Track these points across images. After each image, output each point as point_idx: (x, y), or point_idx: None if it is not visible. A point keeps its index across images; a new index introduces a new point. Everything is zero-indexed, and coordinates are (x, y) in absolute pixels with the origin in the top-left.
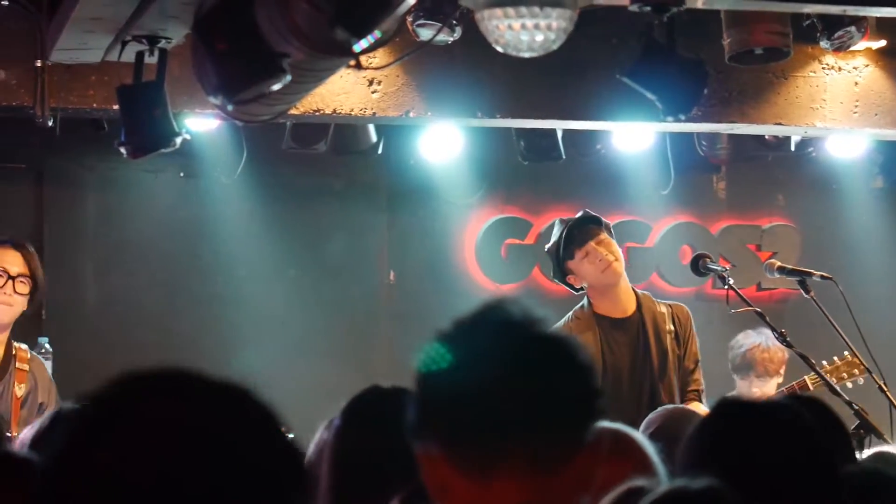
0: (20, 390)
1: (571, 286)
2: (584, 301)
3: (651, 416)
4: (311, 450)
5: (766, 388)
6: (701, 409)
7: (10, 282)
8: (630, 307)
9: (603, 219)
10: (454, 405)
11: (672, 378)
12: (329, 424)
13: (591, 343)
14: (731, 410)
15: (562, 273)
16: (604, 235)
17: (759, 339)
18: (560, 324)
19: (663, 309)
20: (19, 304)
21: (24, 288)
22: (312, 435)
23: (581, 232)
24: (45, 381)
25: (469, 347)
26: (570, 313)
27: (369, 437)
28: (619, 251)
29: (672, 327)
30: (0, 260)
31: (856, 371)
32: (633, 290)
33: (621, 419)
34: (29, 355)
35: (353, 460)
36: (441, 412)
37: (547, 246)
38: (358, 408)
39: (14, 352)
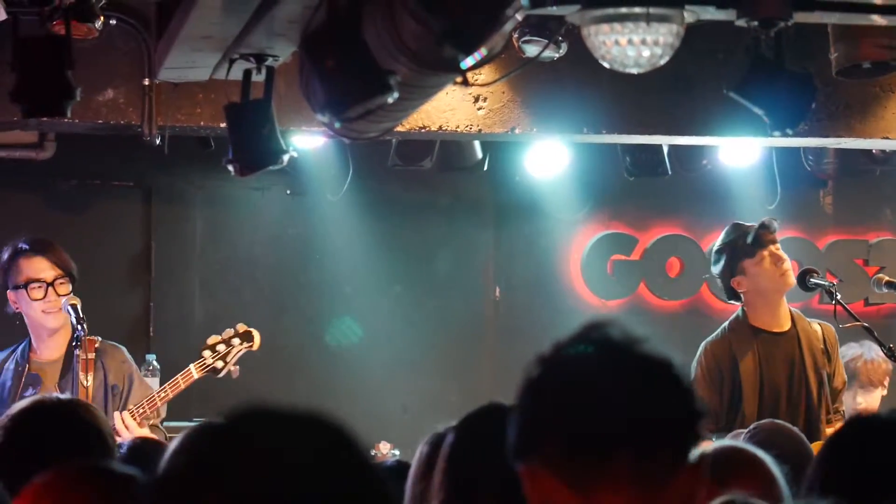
0: (88, 380)
1: (732, 291)
2: (739, 312)
3: (758, 434)
4: (413, 465)
5: (870, 398)
6: None
7: (50, 288)
8: (786, 322)
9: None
10: (558, 423)
11: (827, 396)
12: (431, 440)
13: (749, 355)
14: (862, 427)
15: (731, 272)
16: (780, 247)
17: (861, 350)
18: (716, 335)
19: (816, 327)
20: (77, 302)
21: (64, 288)
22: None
23: (766, 233)
24: (117, 366)
25: (570, 367)
26: (726, 324)
27: (483, 454)
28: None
29: (823, 346)
30: (32, 271)
31: None
32: (789, 308)
33: None
34: (98, 345)
35: (466, 477)
36: (545, 430)
37: (717, 244)
38: (473, 424)
39: (79, 344)
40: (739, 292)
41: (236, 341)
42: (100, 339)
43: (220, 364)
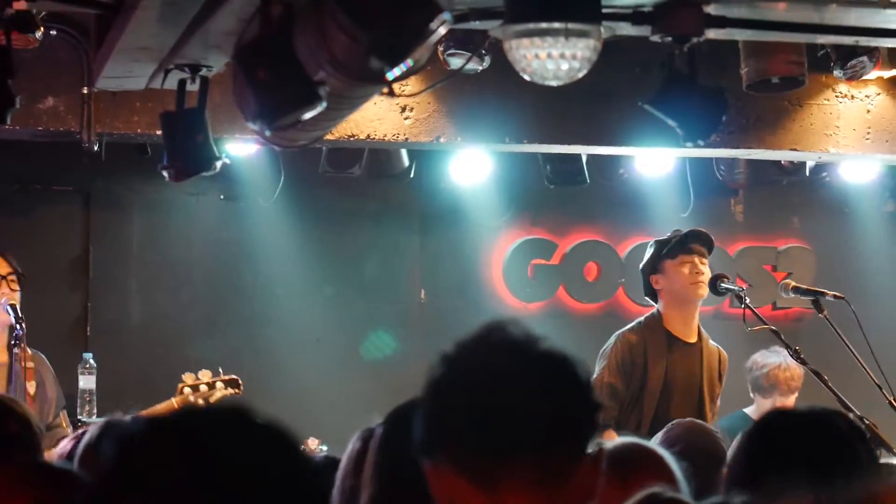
0: (31, 388)
1: (651, 288)
2: (655, 312)
3: (670, 432)
4: (344, 460)
5: (787, 403)
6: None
7: (3, 281)
8: (694, 336)
9: (713, 242)
10: (462, 422)
11: (711, 414)
12: (361, 435)
13: (659, 357)
14: (779, 422)
15: (652, 268)
16: (707, 261)
17: (778, 359)
18: (632, 328)
19: (714, 349)
20: (16, 300)
21: (14, 285)
22: (345, 445)
23: (696, 242)
24: (51, 376)
25: (473, 366)
26: (642, 319)
27: (410, 446)
28: (709, 277)
29: (717, 366)
30: None
31: None
32: (698, 322)
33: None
34: (32, 353)
35: (396, 467)
36: (449, 428)
37: (654, 240)
38: (400, 417)
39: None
40: (656, 290)
41: (220, 385)
42: (29, 349)
43: (201, 402)
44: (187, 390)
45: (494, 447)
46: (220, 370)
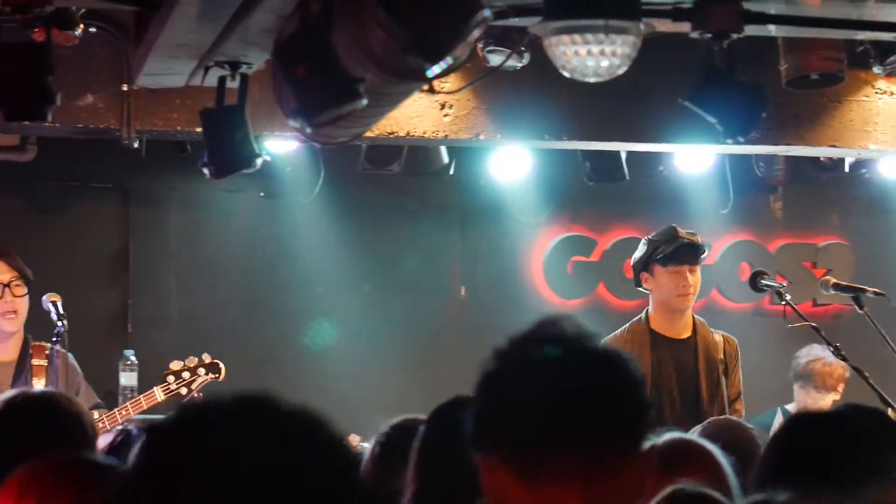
0: (39, 385)
1: (641, 285)
2: (643, 315)
3: (705, 430)
4: (365, 461)
5: (821, 401)
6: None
7: (6, 289)
8: (687, 331)
9: (705, 250)
10: (511, 416)
11: (719, 406)
12: (379, 438)
13: (643, 359)
14: (803, 424)
15: (643, 267)
16: (698, 269)
17: (821, 353)
18: (615, 334)
19: (717, 338)
20: (22, 307)
21: (20, 290)
22: None
23: (687, 254)
24: (66, 374)
25: (525, 361)
26: (627, 325)
27: (453, 445)
28: (699, 283)
29: (723, 357)
30: None
31: None
32: (693, 315)
33: None
34: (48, 351)
35: (438, 467)
36: (499, 423)
37: (650, 237)
38: (442, 417)
39: (30, 350)
40: (645, 289)
41: (202, 371)
42: (49, 345)
43: (184, 390)
44: (170, 378)
45: (542, 442)
46: (204, 355)
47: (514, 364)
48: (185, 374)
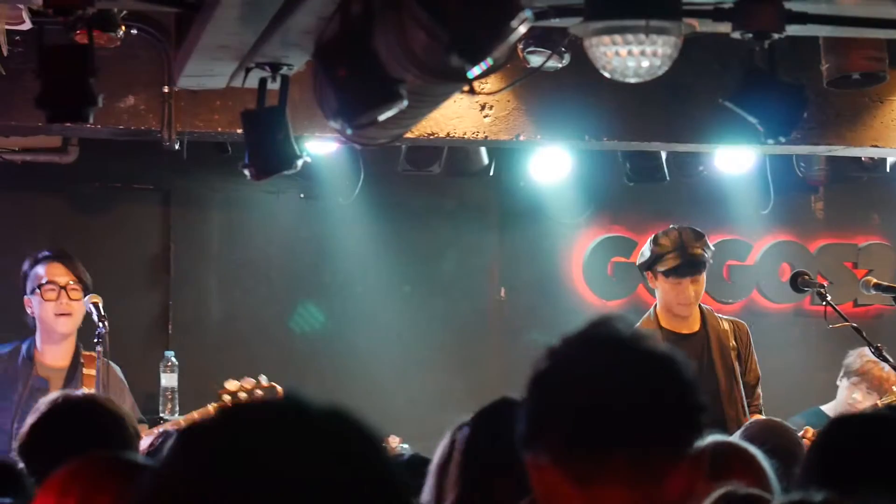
0: (95, 387)
1: (646, 281)
2: (651, 312)
3: (747, 431)
4: (439, 452)
5: (868, 402)
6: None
7: (63, 292)
8: (696, 325)
9: (708, 256)
10: (562, 415)
11: (738, 394)
12: (454, 432)
13: None
14: (848, 426)
15: (648, 267)
16: (702, 276)
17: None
18: None
19: (726, 326)
20: (77, 311)
21: (76, 294)
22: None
23: (689, 269)
24: (114, 385)
25: (577, 360)
26: (640, 322)
27: (497, 446)
28: (703, 289)
29: (734, 343)
30: (47, 275)
31: None
32: (700, 306)
33: None
34: (98, 362)
35: (481, 467)
36: (550, 422)
37: (657, 238)
38: (485, 419)
39: (81, 359)
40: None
41: (259, 394)
42: (99, 355)
43: None
44: (227, 397)
45: (592, 442)
46: (262, 378)
47: (567, 364)
48: (242, 395)
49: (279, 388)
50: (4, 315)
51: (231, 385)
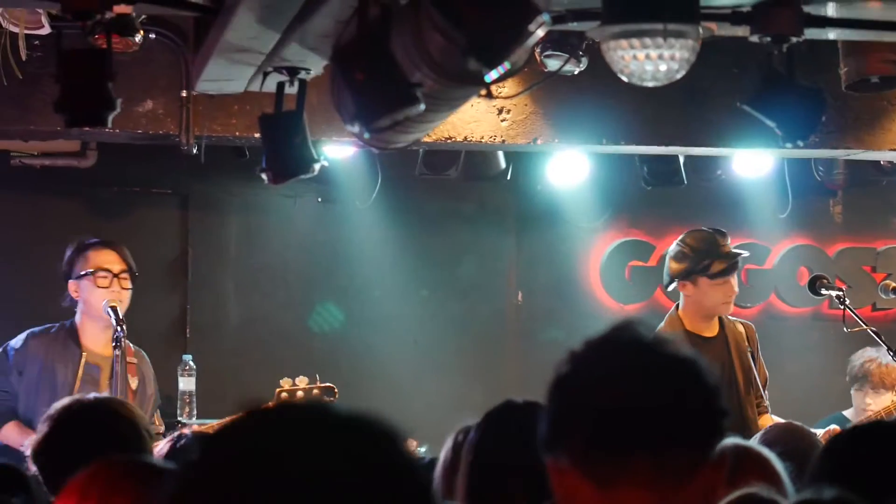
0: (133, 383)
1: (675, 288)
2: (673, 313)
3: (767, 434)
4: (442, 457)
5: (879, 400)
6: (772, 419)
7: (115, 279)
8: (716, 328)
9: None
10: (585, 418)
11: (753, 396)
12: (457, 435)
13: None
14: (862, 433)
15: (686, 276)
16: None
17: (876, 354)
18: None
19: (740, 328)
20: (126, 300)
21: (126, 283)
22: (442, 447)
23: (734, 264)
24: (150, 373)
25: (600, 364)
26: (662, 324)
27: (504, 449)
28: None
29: (748, 345)
30: (101, 261)
31: None
32: None
33: None
34: (134, 349)
35: (488, 471)
36: (572, 424)
37: (688, 242)
38: (494, 420)
39: (121, 347)
40: (680, 292)
41: (317, 392)
42: (131, 344)
43: None
44: (284, 395)
45: (614, 444)
46: (318, 377)
47: (589, 366)
48: (299, 395)
49: (335, 388)
50: (25, 313)
51: (286, 383)
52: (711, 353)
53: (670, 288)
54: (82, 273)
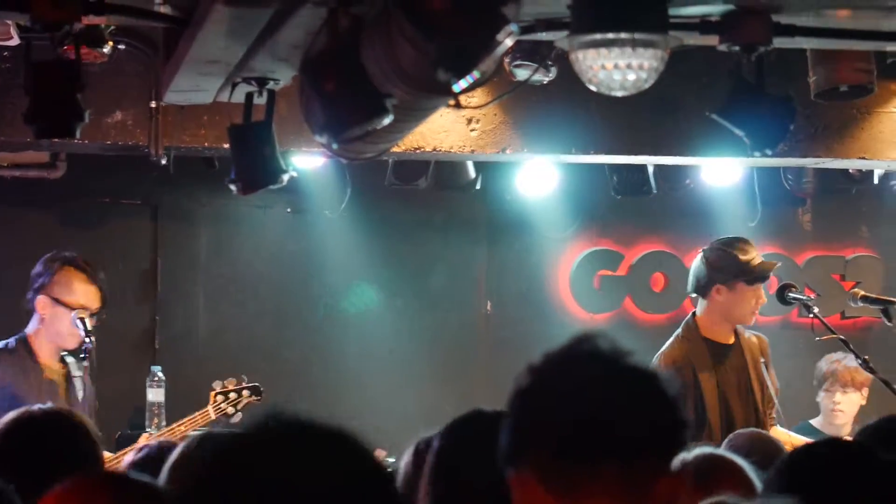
0: (80, 394)
1: (704, 289)
2: (690, 321)
3: (733, 442)
4: (402, 468)
5: (847, 400)
6: (782, 433)
7: (92, 318)
8: (732, 336)
9: None
10: (549, 430)
11: (773, 402)
12: (417, 445)
13: (706, 365)
14: (820, 451)
15: (723, 280)
16: None
17: (841, 356)
18: (671, 345)
19: (754, 339)
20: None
21: (91, 323)
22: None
23: (766, 274)
24: (89, 384)
25: (562, 376)
26: (679, 332)
27: (469, 458)
28: None
29: (761, 355)
30: (87, 300)
31: None
32: None
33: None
34: (86, 377)
35: (451, 483)
36: (535, 437)
37: (729, 250)
38: (459, 429)
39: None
40: (708, 297)
41: (246, 392)
42: (84, 371)
43: (231, 410)
44: (219, 398)
45: (580, 456)
46: (244, 377)
47: (551, 379)
48: (232, 395)
49: (262, 388)
50: None
51: (218, 385)
52: (731, 361)
53: (702, 294)
54: (59, 299)
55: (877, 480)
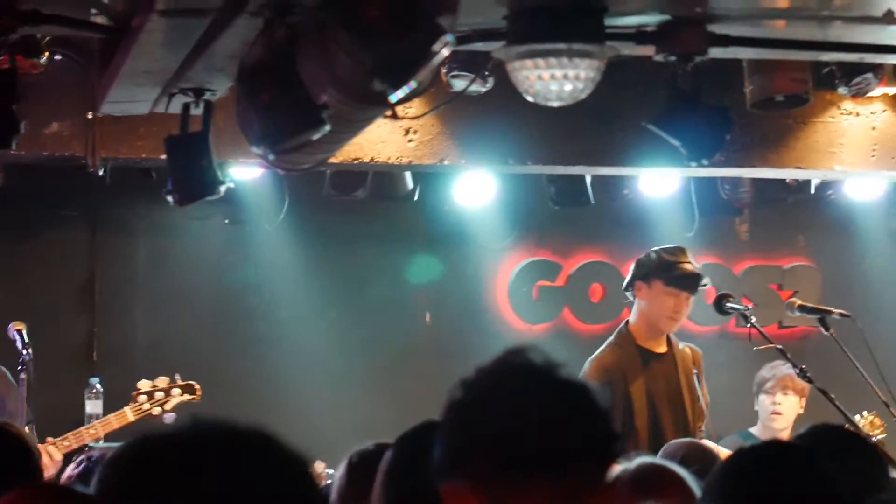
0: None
1: (632, 293)
2: (624, 329)
3: (666, 451)
4: (336, 483)
5: (787, 402)
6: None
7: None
8: (665, 345)
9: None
10: (482, 442)
11: (703, 414)
12: (351, 457)
13: (637, 372)
14: (752, 456)
15: (643, 277)
16: (693, 299)
17: (781, 363)
18: (603, 351)
19: (687, 350)
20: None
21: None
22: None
23: (692, 284)
24: (13, 392)
25: (495, 389)
26: (611, 339)
27: (420, 471)
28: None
29: (693, 367)
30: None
31: (876, 431)
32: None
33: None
34: (22, 389)
35: (404, 494)
36: (469, 449)
37: (660, 250)
38: (410, 442)
39: None
40: (634, 296)
41: (177, 391)
42: (21, 383)
43: (156, 410)
44: (142, 398)
45: (514, 468)
46: (178, 376)
47: (484, 392)
48: (158, 395)
49: (197, 386)
50: None
51: (144, 385)
52: (662, 370)
53: (629, 292)
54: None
55: (815, 482)
